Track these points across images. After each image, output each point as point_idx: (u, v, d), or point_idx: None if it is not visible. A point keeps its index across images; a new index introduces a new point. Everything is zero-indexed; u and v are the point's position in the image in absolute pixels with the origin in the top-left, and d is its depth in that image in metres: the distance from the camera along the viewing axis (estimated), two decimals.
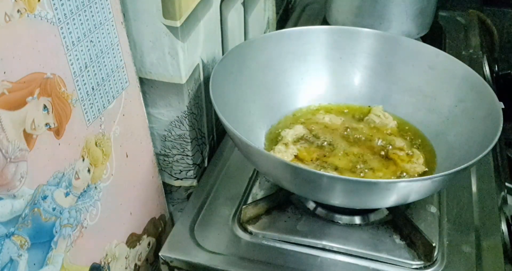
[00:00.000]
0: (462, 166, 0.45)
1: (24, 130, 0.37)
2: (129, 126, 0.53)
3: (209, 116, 0.65)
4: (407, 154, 0.58)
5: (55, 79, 0.40)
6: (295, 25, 0.93)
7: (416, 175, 0.56)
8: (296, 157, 0.57)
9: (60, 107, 0.41)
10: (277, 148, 0.58)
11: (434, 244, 0.50)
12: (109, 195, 0.51)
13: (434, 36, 0.86)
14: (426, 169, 0.57)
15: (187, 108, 0.57)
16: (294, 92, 0.65)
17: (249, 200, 0.58)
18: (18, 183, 0.38)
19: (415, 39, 0.74)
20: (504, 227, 0.57)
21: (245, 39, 0.72)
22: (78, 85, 0.43)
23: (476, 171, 0.62)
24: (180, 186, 0.66)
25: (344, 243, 0.53)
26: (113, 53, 0.47)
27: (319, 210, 0.56)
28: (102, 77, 0.46)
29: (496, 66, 0.97)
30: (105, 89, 0.47)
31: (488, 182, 0.61)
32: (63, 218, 0.44)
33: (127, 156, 0.53)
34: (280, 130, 0.61)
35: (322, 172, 0.52)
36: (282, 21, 0.95)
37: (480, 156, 0.46)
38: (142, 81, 0.55)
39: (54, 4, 0.38)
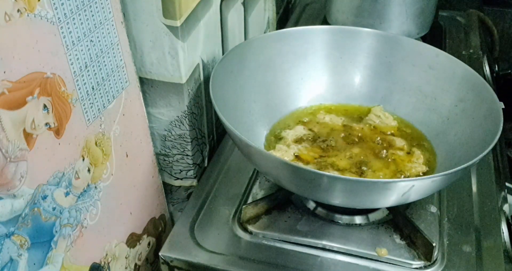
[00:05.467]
0: (462, 166, 0.45)
1: (24, 130, 0.37)
2: (129, 126, 0.53)
3: (209, 116, 0.65)
4: (407, 154, 0.58)
5: (55, 79, 0.40)
6: (295, 25, 0.93)
7: (416, 175, 0.56)
8: (296, 156, 0.57)
9: (60, 107, 0.41)
10: (277, 147, 0.58)
11: (434, 244, 0.50)
12: (109, 194, 0.51)
13: (434, 36, 0.86)
14: (426, 169, 0.57)
15: (187, 108, 0.57)
16: (294, 92, 0.65)
17: (249, 200, 0.58)
18: (18, 182, 0.38)
19: (415, 39, 0.74)
20: (504, 227, 0.57)
21: (245, 39, 0.72)
22: (78, 85, 0.43)
23: (476, 171, 0.62)
24: (180, 186, 0.66)
25: (344, 243, 0.53)
26: (113, 52, 0.47)
27: (319, 210, 0.56)
28: (102, 77, 0.46)
29: (496, 66, 0.97)
30: (105, 89, 0.47)
31: (488, 182, 0.61)
32: (63, 217, 0.44)
33: (127, 156, 0.53)
34: (280, 130, 0.61)
35: (322, 171, 0.52)
36: (282, 21, 0.95)
37: (480, 155, 0.46)
38: (142, 81, 0.55)
39: (54, 3, 0.38)
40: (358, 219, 0.55)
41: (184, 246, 0.53)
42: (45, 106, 0.39)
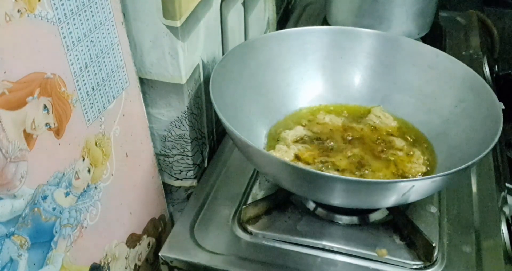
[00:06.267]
0: (462, 166, 0.45)
1: (24, 130, 0.37)
2: (129, 127, 0.53)
3: (209, 116, 0.65)
4: (407, 154, 0.58)
5: (55, 79, 0.40)
6: (295, 25, 0.93)
7: (416, 175, 0.56)
8: (296, 157, 0.57)
9: (60, 107, 0.41)
10: (277, 147, 0.58)
11: (434, 244, 0.50)
12: (109, 195, 0.51)
13: (434, 36, 0.86)
14: (426, 169, 0.57)
15: (187, 108, 0.57)
16: (294, 93, 0.65)
17: (249, 200, 0.58)
18: (18, 182, 0.38)
19: (415, 39, 0.74)
20: (504, 227, 0.57)
21: (245, 39, 0.72)
22: (78, 85, 0.43)
23: (476, 171, 0.62)
24: (180, 186, 0.66)
25: (344, 243, 0.53)
26: (113, 53, 0.47)
27: (319, 210, 0.56)
28: (102, 77, 0.46)
29: (496, 67, 0.97)
30: (105, 89, 0.47)
31: (488, 182, 0.61)
32: (63, 218, 0.44)
33: (127, 156, 0.53)
34: (280, 130, 0.61)
35: (322, 172, 0.52)
36: (282, 21, 0.95)
37: (480, 156, 0.46)
38: (142, 81, 0.55)
39: (54, 4, 0.38)
40: (358, 220, 0.55)
41: (184, 247, 0.53)
42: (45, 106, 0.39)
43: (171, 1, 0.49)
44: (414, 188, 0.45)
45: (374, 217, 0.55)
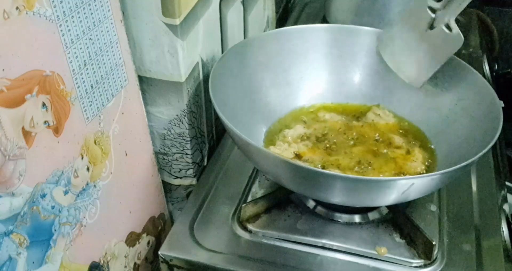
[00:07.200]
0: (462, 164, 0.45)
1: (23, 128, 0.37)
2: (128, 125, 0.52)
3: (208, 114, 0.65)
4: (407, 152, 0.58)
5: (54, 77, 0.40)
6: (295, 23, 0.93)
7: (416, 173, 0.56)
8: (296, 155, 0.57)
9: (59, 105, 0.41)
10: (278, 143, 0.58)
11: (434, 243, 0.50)
12: (108, 193, 0.51)
13: None
14: (426, 167, 0.57)
15: (187, 106, 0.57)
16: (294, 91, 0.65)
17: (249, 199, 0.58)
18: (17, 180, 0.37)
19: None
20: (504, 225, 0.56)
21: (244, 38, 0.72)
22: (77, 83, 0.43)
23: (476, 170, 0.62)
24: (179, 185, 0.66)
25: (344, 242, 0.53)
26: (112, 51, 0.47)
27: (319, 209, 0.56)
28: (101, 75, 0.46)
29: (496, 65, 0.97)
30: (104, 87, 0.47)
31: (488, 181, 0.61)
32: (62, 216, 0.44)
33: (126, 155, 0.53)
34: (280, 129, 0.61)
35: (322, 170, 0.52)
36: (282, 20, 0.95)
37: (480, 154, 0.46)
38: (141, 79, 0.55)
39: (53, 1, 0.38)
40: (357, 218, 0.55)
41: (183, 245, 0.53)
42: (44, 104, 0.39)
43: None
44: (414, 185, 0.45)
45: (374, 215, 0.55)
